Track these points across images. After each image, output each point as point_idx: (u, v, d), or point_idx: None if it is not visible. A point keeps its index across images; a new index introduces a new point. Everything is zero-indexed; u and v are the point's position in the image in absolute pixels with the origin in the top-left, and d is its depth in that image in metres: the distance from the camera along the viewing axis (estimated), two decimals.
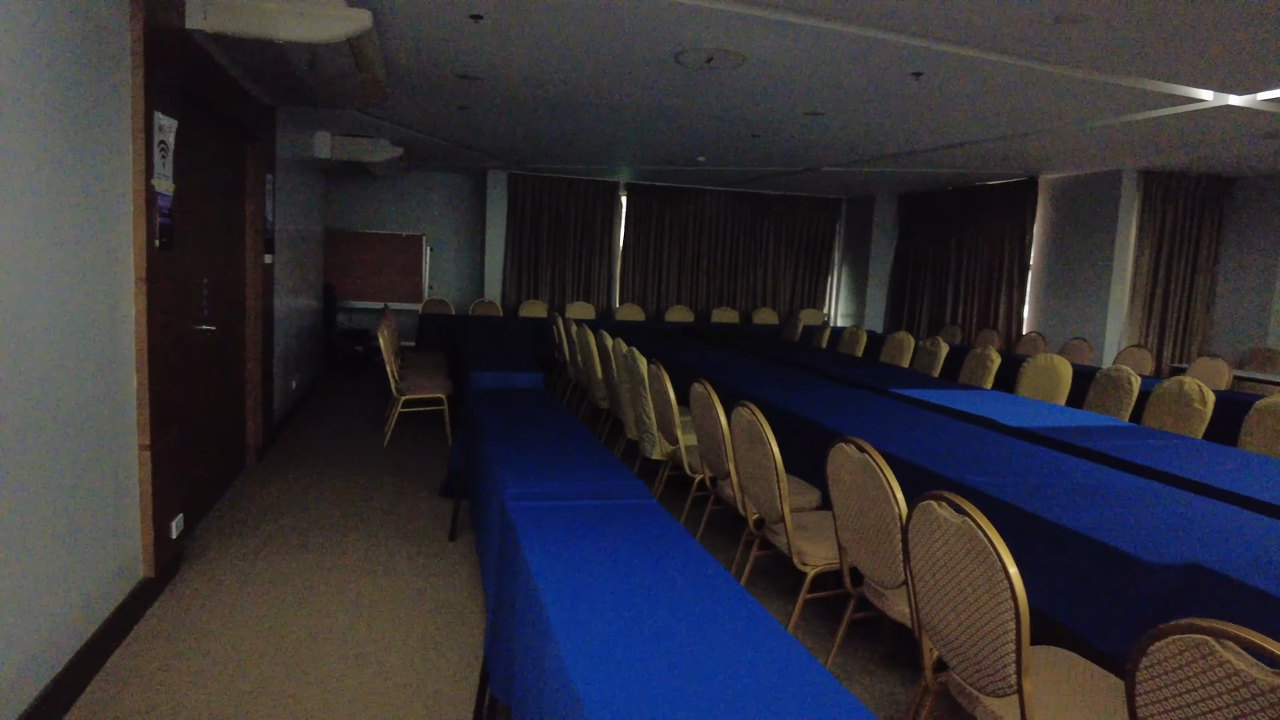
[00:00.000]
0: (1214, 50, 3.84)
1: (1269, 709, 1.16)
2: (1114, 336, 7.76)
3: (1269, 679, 1.15)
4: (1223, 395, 4.61)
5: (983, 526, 1.70)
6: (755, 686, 1.33)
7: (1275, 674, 1.15)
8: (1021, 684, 1.69)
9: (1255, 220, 7.63)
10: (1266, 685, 1.15)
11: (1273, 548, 2.10)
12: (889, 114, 5.71)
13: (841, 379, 5.39)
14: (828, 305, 12.00)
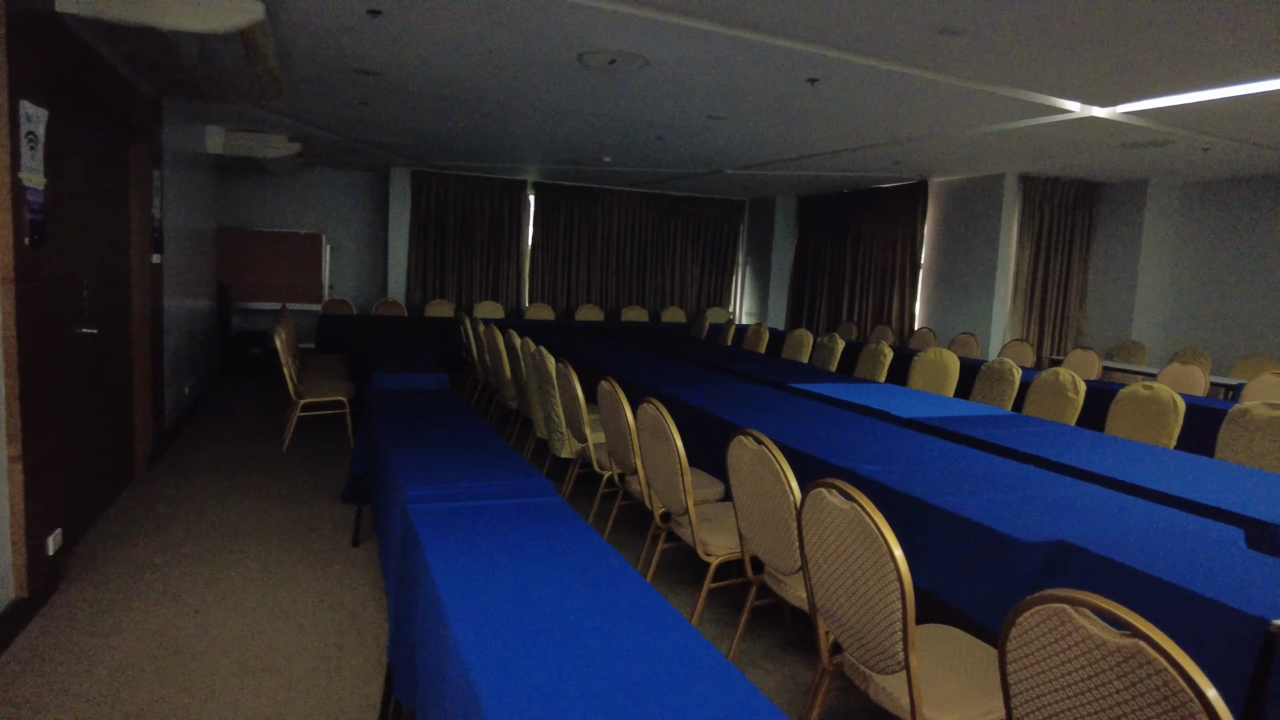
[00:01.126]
0: (1079, 66, 4.13)
1: (1117, 666, 1.27)
2: (998, 331, 8.23)
3: (1116, 640, 1.27)
4: (1093, 385, 4.96)
5: (869, 512, 1.79)
6: (656, 678, 1.37)
7: (1122, 635, 1.26)
8: (909, 660, 1.79)
9: (1120, 223, 8.22)
10: (1114, 646, 1.27)
11: (1129, 522, 2.28)
12: (787, 118, 5.88)
13: (744, 375, 5.52)
14: (733, 303, 12.26)
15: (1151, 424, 4.08)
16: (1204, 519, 2.39)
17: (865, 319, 9.83)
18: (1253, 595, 1.76)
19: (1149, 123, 5.35)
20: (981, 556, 2.19)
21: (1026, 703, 1.46)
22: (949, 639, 2.15)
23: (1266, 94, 4.44)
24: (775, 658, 2.96)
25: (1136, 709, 1.25)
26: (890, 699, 1.94)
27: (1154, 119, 5.26)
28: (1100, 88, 4.57)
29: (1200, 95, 4.58)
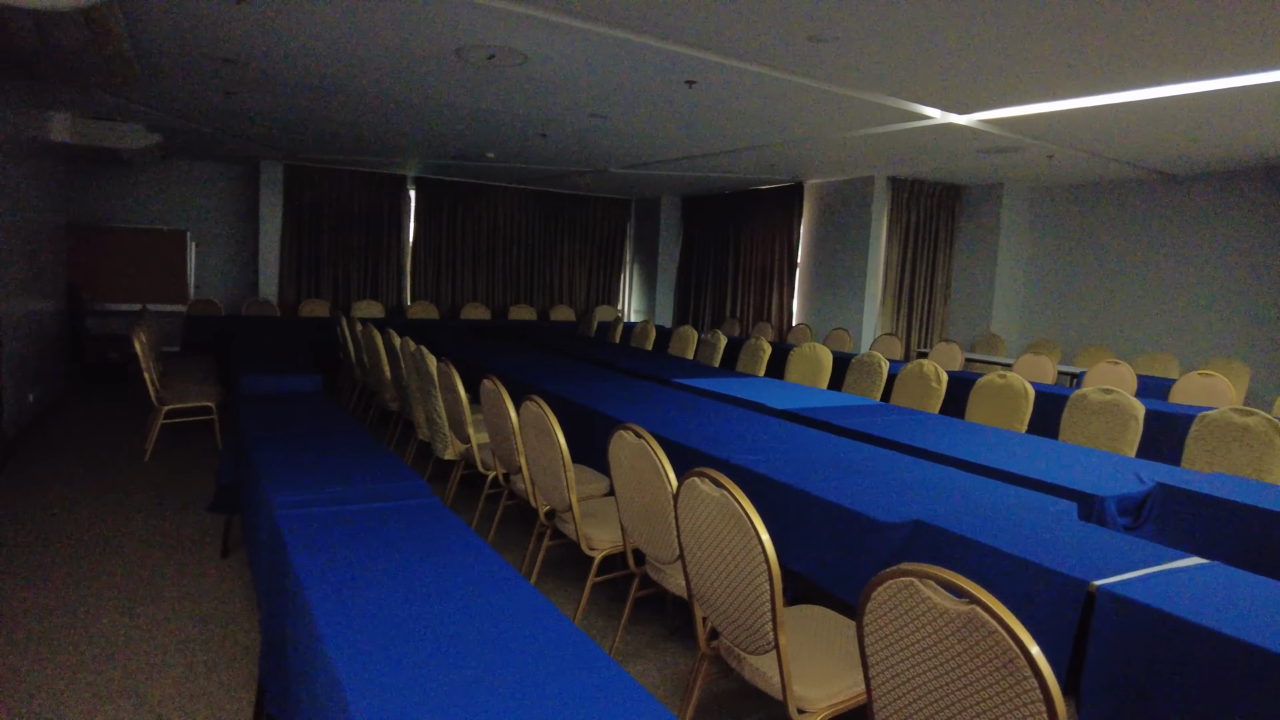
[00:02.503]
0: (938, 75, 4.40)
1: (957, 631, 1.38)
2: (870, 325, 8.65)
3: (956, 607, 1.37)
4: (954, 375, 5.29)
5: (738, 499, 1.86)
6: (532, 676, 1.38)
7: (962, 603, 1.37)
8: (779, 640, 1.87)
9: (979, 223, 8.80)
10: (955, 613, 1.38)
11: (978, 500, 2.46)
12: (667, 119, 5.99)
13: (630, 372, 5.59)
14: (621, 301, 12.36)
15: (1006, 410, 4.40)
16: (1043, 494, 2.61)
17: (747, 316, 10.11)
18: (1078, 561, 1.94)
19: (1001, 130, 5.76)
20: (846, 537, 2.32)
21: (883, 672, 1.56)
22: (819, 618, 2.26)
23: (1100, 108, 4.86)
24: (659, 647, 3.02)
25: (975, 668, 1.36)
26: (763, 678, 2.02)
27: (1005, 127, 5.66)
28: (958, 96, 4.88)
29: (1044, 107, 4.97)
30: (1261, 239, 6.85)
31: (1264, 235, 6.83)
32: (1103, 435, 3.92)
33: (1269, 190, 6.81)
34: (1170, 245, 7.50)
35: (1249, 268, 6.94)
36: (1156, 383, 5.69)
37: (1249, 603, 1.73)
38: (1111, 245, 7.97)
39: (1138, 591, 1.75)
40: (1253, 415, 3.49)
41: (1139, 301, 7.75)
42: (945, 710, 1.43)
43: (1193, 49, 3.69)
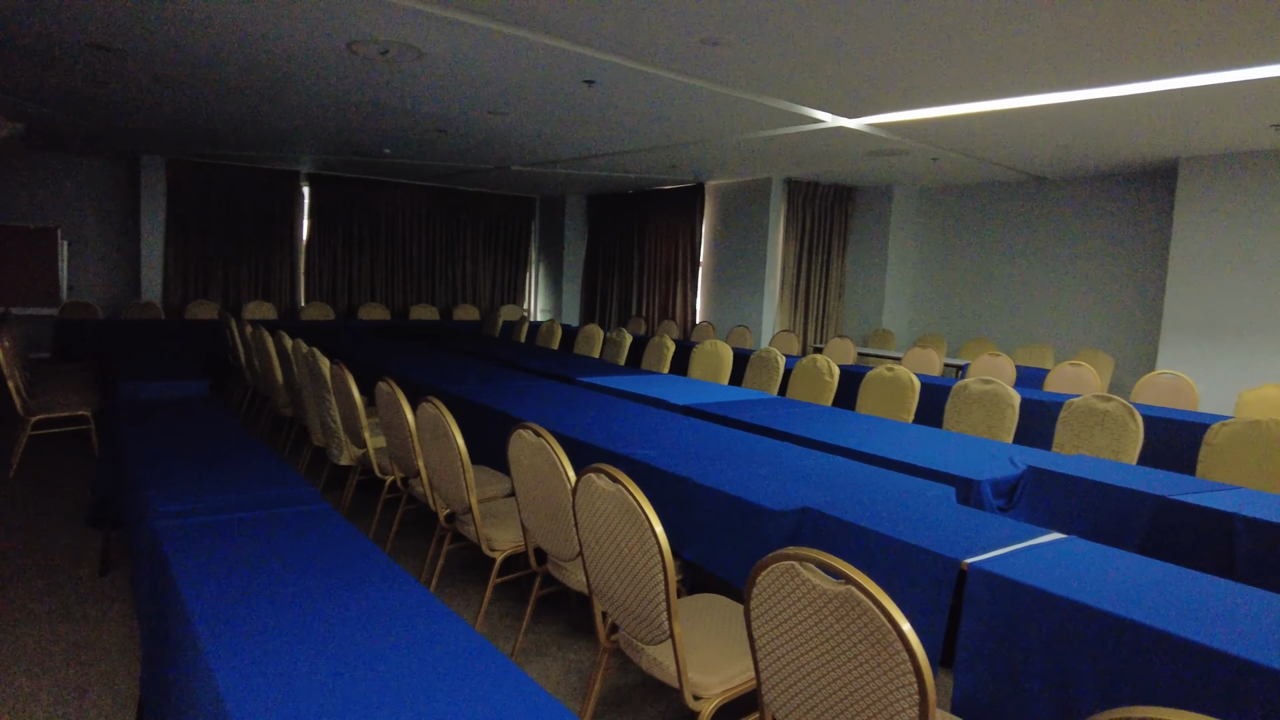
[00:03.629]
0: (828, 81, 4.56)
1: (835, 611, 1.45)
2: (769, 322, 8.89)
3: (834, 588, 1.45)
4: (847, 369, 5.51)
5: (633, 493, 1.90)
6: (426, 680, 1.38)
7: (839, 584, 1.44)
8: (673, 629, 1.92)
9: (871, 223, 9.17)
10: (832, 593, 1.45)
11: (863, 487, 2.59)
12: (567, 118, 6.00)
13: (535, 371, 5.58)
14: (527, 300, 12.28)
15: (893, 401, 4.61)
16: (925, 480, 2.76)
17: (653, 314, 10.22)
18: (953, 541, 2.06)
19: (889, 134, 6.01)
20: (740, 526, 2.39)
21: (770, 654, 1.62)
22: (716, 607, 2.33)
23: (978, 114, 5.14)
24: (563, 644, 3.03)
25: (852, 645, 1.44)
26: (660, 668, 2.07)
27: (892, 131, 5.91)
28: (847, 101, 5.08)
29: (927, 112, 5.23)
30: (1125, 239, 7.40)
31: (1127, 235, 7.38)
32: (982, 423, 4.16)
33: (1130, 193, 7.37)
34: (1045, 243, 8.00)
35: (1114, 265, 7.49)
36: (1033, 373, 6.07)
37: (1098, 572, 1.89)
38: (992, 243, 8.45)
39: (1003, 567, 1.88)
40: (1111, 401, 3.78)
41: (1018, 296, 8.25)
42: (827, 687, 1.50)
43: (1061, 62, 3.95)
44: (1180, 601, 1.73)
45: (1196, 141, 5.72)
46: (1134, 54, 3.77)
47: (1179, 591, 1.79)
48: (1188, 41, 3.57)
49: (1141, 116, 5.01)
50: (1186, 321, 6.35)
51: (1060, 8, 3.23)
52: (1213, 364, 6.22)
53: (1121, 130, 5.45)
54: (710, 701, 1.96)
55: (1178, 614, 1.66)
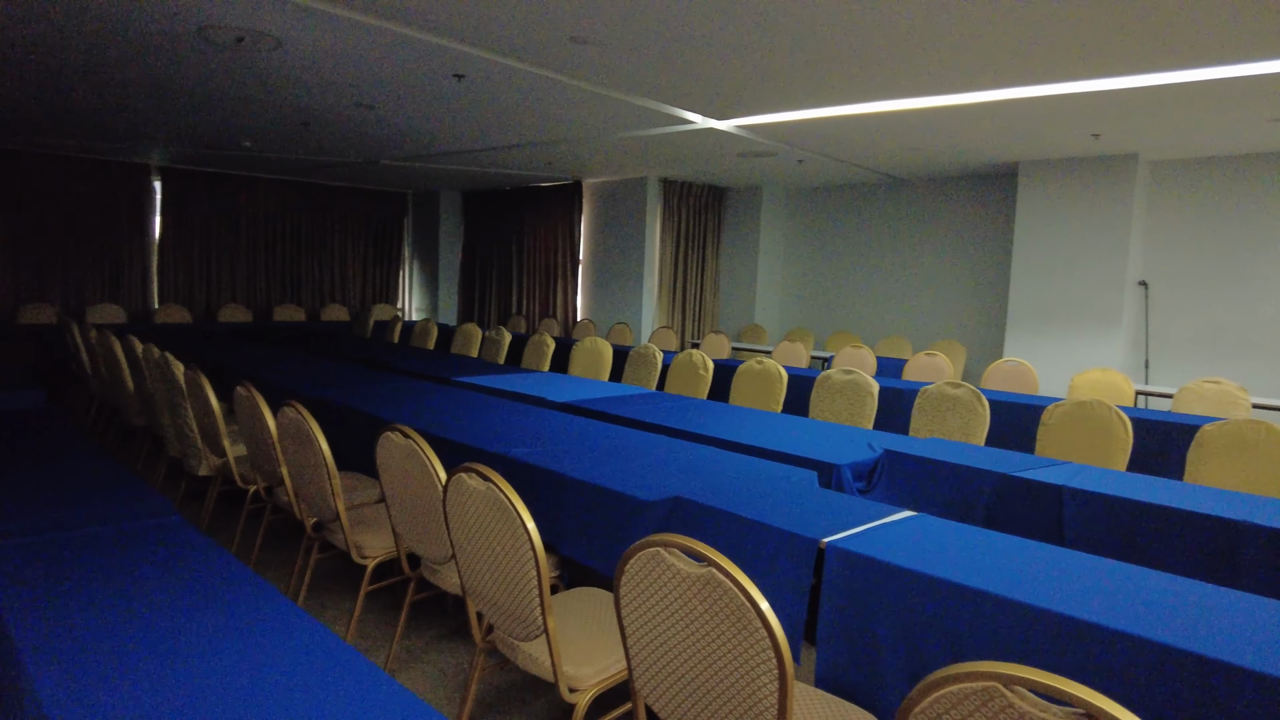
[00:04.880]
0: (696, 82, 4.67)
1: (699, 593, 1.50)
2: (648, 319, 9.01)
3: (696, 571, 1.50)
4: (721, 363, 5.66)
5: (504, 490, 1.89)
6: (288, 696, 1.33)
7: (701, 567, 1.49)
8: (547, 624, 1.93)
9: (742, 223, 9.45)
10: (695, 576, 1.50)
11: (732, 475, 2.67)
12: (437, 112, 5.87)
13: (408, 372, 5.43)
14: (401, 299, 11.93)
15: (763, 392, 4.78)
16: (790, 466, 2.88)
17: (533, 312, 10.16)
18: (813, 522, 2.17)
19: (756, 136, 6.22)
20: (614, 519, 2.42)
21: (639, 639, 1.66)
22: (593, 599, 2.35)
23: (836, 118, 5.40)
24: (440, 648, 2.98)
25: (715, 625, 1.49)
26: (535, 663, 2.07)
27: (759, 133, 6.12)
28: (715, 103, 5.21)
29: (790, 115, 5.44)
30: (974, 236, 7.95)
31: (976, 233, 7.93)
32: (845, 411, 4.38)
33: (978, 194, 7.92)
34: (903, 241, 8.49)
35: (965, 261, 8.03)
36: (893, 363, 6.43)
37: (944, 545, 2.03)
38: (855, 241, 8.88)
39: (857, 544, 1.99)
40: (961, 388, 4.06)
41: (879, 291, 8.71)
42: (694, 668, 1.55)
43: (910, 71, 4.20)
44: (1014, 568, 1.89)
45: (1033, 147, 6.21)
46: (975, 65, 4.06)
47: (1013, 559, 1.96)
48: (1021, 56, 3.87)
49: (983, 123, 5.40)
50: (1028, 312, 6.90)
51: (909, 20, 3.44)
52: (1051, 350, 6.78)
53: (966, 135, 5.85)
54: (586, 693, 1.98)
55: (1011, 579, 1.81)
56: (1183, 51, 3.73)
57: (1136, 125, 5.30)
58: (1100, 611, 1.65)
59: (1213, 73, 4.03)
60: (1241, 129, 5.32)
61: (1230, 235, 6.35)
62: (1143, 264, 6.73)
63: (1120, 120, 5.17)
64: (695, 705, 1.58)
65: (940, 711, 1.19)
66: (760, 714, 1.45)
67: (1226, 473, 3.32)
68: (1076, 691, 1.06)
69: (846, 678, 1.96)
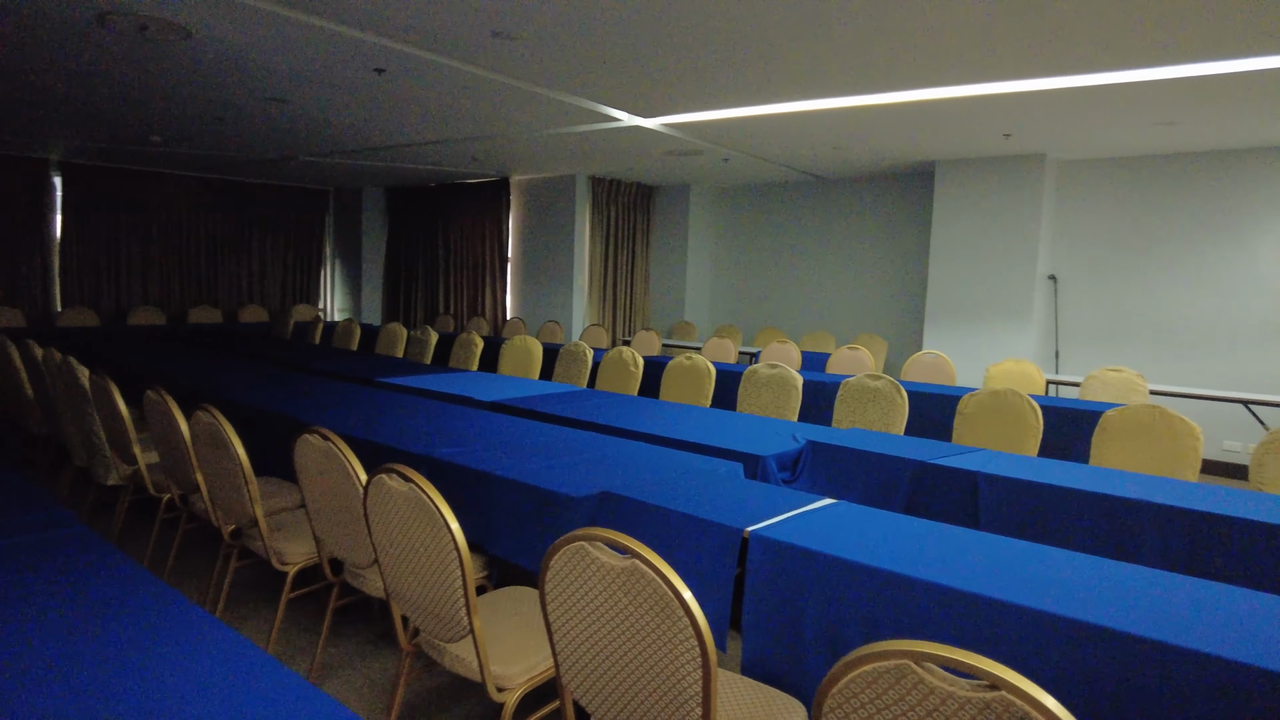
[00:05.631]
0: (622, 79, 4.67)
1: (624, 585, 1.51)
2: (579, 317, 8.99)
3: (620, 564, 1.50)
4: (651, 359, 5.69)
5: (426, 491, 1.86)
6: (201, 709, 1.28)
7: (624, 559, 1.50)
8: (473, 624, 1.91)
9: (671, 221, 9.51)
10: (620, 569, 1.51)
11: (659, 469, 2.69)
12: (358, 107, 5.74)
13: (330, 374, 5.30)
14: (323, 300, 11.61)
15: (692, 388, 4.82)
16: (716, 459, 2.92)
17: (462, 311, 10.02)
18: (738, 513, 2.20)
19: (682, 134, 6.26)
20: (542, 516, 2.41)
21: (565, 634, 1.66)
22: (522, 598, 2.33)
23: (760, 117, 5.48)
24: (367, 654, 2.92)
25: (639, 617, 1.50)
26: (463, 664, 2.05)
27: (685, 131, 6.17)
28: (642, 101, 5.23)
29: (715, 114, 5.50)
30: (895, 233, 8.18)
31: (896, 230, 8.17)
32: (771, 404, 4.46)
33: (898, 192, 8.15)
34: (827, 238, 8.68)
35: (886, 257, 8.26)
36: (817, 357, 6.57)
37: (862, 531, 2.09)
38: (781, 239, 9.04)
39: (779, 532, 2.03)
40: (881, 379, 4.17)
41: (805, 287, 8.88)
42: (620, 660, 1.56)
43: (828, 72, 4.30)
44: (929, 551, 1.96)
45: (948, 147, 6.43)
46: (892, 66, 4.18)
47: (929, 542, 2.02)
48: (936, 58, 4.00)
49: (901, 123, 5.56)
50: (945, 306, 7.14)
51: (827, 22, 3.51)
52: (967, 343, 7.03)
53: (885, 135, 6.02)
54: (514, 692, 1.97)
55: (926, 562, 1.88)
56: (1082, 57, 3.92)
57: (1043, 126, 5.54)
58: (1011, 590, 1.72)
59: (1109, 78, 4.24)
60: (1137, 131, 5.62)
61: (1130, 231, 6.69)
62: (1051, 259, 7.04)
63: (1028, 121, 5.39)
64: (622, 697, 1.58)
65: (856, 690, 1.23)
66: (685, 702, 1.47)
67: (1127, 455, 3.50)
68: (982, 665, 1.11)
69: (771, 664, 2.00)
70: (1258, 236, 6.12)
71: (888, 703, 1.20)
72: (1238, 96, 4.56)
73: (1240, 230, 6.19)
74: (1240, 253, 6.19)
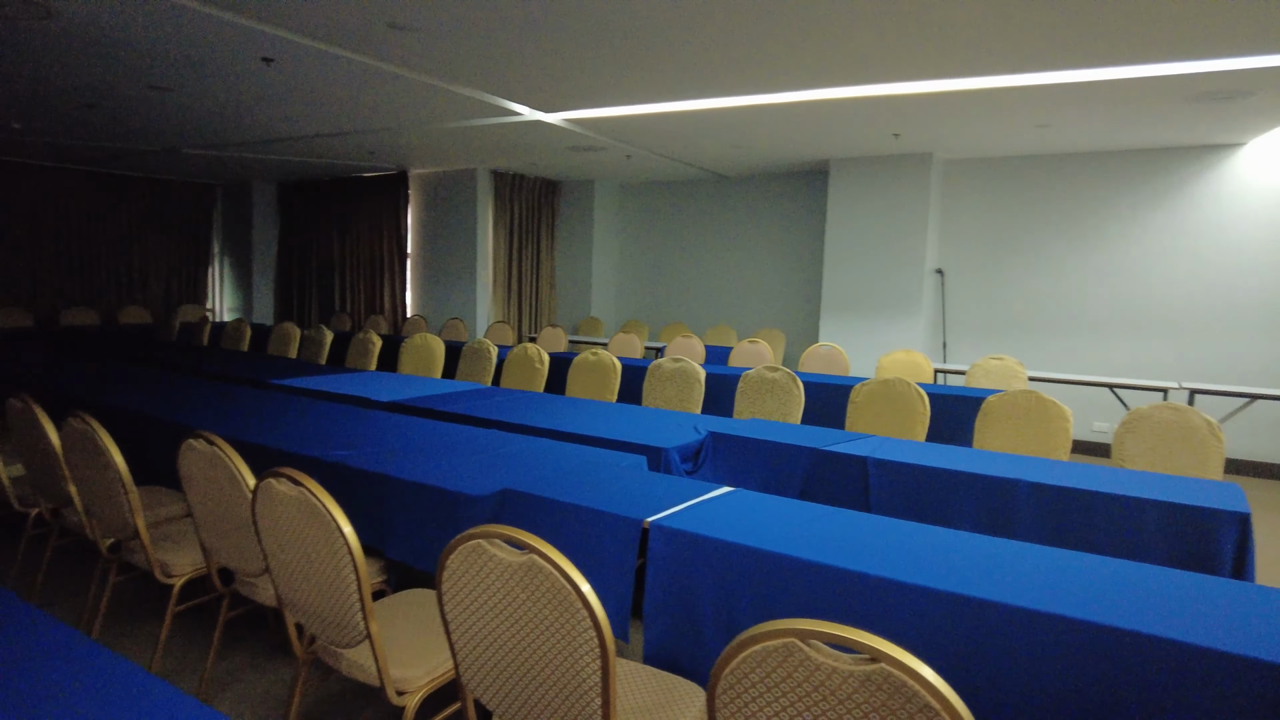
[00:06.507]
0: (522, 73, 4.64)
1: (521, 581, 1.51)
2: (483, 314, 8.88)
3: (517, 559, 1.51)
4: (557, 355, 5.68)
5: (315, 494, 1.81)
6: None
7: (522, 554, 1.50)
8: (370, 628, 1.87)
9: (576, 217, 9.50)
10: (517, 564, 1.51)
11: (563, 464, 2.70)
12: (246, 97, 5.49)
13: (218, 376, 5.06)
14: (211, 299, 11.06)
15: (598, 384, 4.84)
16: (620, 452, 2.94)
17: (359, 309, 9.73)
18: (639, 504, 2.23)
19: (584, 130, 6.26)
20: (442, 516, 2.38)
21: (464, 633, 1.65)
22: (420, 601, 2.30)
23: (659, 114, 5.54)
24: (262, 666, 2.81)
25: (538, 611, 1.50)
26: (361, 670, 2.00)
27: (587, 127, 6.17)
28: (542, 95, 5.20)
29: (615, 111, 5.52)
30: (792, 229, 8.41)
31: (794, 226, 8.40)
32: (675, 398, 4.52)
33: (795, 190, 8.38)
34: (728, 235, 8.85)
35: (785, 252, 8.48)
36: (720, 351, 6.70)
37: (758, 517, 2.15)
38: (685, 235, 9.16)
39: (678, 521, 2.07)
40: (778, 371, 4.30)
41: (709, 282, 9.03)
42: (519, 656, 1.56)
43: (723, 71, 4.38)
44: (821, 534, 2.04)
45: (841, 145, 6.65)
46: (787, 66, 4.30)
47: (821, 526, 2.10)
48: (828, 59, 4.14)
49: (797, 122, 5.72)
50: (839, 300, 7.39)
51: (724, 21, 3.58)
52: (860, 334, 7.30)
53: (782, 134, 6.18)
54: (415, 695, 1.94)
55: (817, 544, 1.95)
56: (966, 61, 4.13)
57: (930, 127, 5.81)
58: (896, 568, 1.81)
59: (989, 81, 4.49)
60: (1015, 133, 5.96)
61: (1009, 228, 7.10)
62: (939, 254, 7.39)
63: (916, 122, 5.64)
64: (522, 694, 1.59)
65: (747, 671, 1.27)
66: (584, 694, 1.49)
67: (1006, 438, 3.72)
68: (863, 639, 1.17)
69: (673, 651, 2.04)
70: (1119, 232, 6.59)
71: (776, 680, 1.25)
72: (1099, 102, 4.90)
73: (1105, 226, 6.65)
74: (1105, 247, 6.66)
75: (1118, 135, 5.94)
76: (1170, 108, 4.98)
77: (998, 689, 1.64)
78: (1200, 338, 6.34)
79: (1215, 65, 4.06)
